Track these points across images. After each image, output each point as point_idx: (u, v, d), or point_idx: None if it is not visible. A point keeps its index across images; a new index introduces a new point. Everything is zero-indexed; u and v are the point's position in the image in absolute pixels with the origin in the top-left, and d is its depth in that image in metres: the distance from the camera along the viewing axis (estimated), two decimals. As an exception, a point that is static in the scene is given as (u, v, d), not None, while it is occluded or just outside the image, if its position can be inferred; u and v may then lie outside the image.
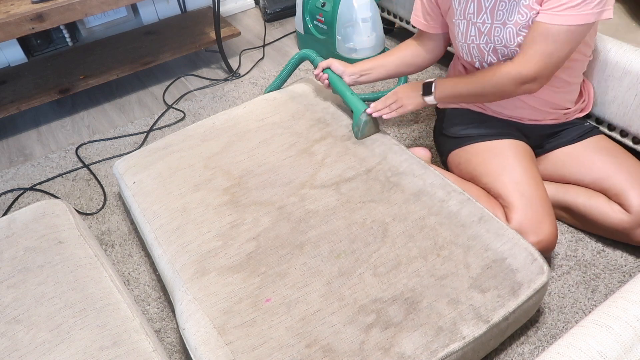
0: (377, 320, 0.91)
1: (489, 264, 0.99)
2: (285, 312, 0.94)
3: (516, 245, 1.01)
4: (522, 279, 0.96)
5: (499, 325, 0.93)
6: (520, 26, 1.09)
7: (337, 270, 1.00)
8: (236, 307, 0.95)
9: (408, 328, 0.90)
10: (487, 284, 0.96)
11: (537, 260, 0.99)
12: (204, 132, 1.38)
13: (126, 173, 1.32)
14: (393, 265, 1.00)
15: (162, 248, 1.11)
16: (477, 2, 1.13)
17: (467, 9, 1.15)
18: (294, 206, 1.13)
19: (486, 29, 1.14)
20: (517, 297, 0.94)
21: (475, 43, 1.19)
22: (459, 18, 1.18)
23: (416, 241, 1.04)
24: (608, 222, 1.16)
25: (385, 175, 1.18)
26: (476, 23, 1.15)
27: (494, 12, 1.11)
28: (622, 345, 0.58)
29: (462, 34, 1.20)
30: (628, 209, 1.13)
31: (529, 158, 1.22)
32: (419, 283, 0.96)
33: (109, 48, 2.11)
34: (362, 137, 1.29)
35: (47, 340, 0.88)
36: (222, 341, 0.90)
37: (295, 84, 1.53)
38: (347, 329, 0.90)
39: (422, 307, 0.93)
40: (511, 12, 1.09)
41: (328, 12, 1.97)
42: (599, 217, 1.18)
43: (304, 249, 1.04)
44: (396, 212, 1.10)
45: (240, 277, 1.00)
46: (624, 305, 0.62)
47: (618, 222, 1.14)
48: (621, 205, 1.14)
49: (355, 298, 0.95)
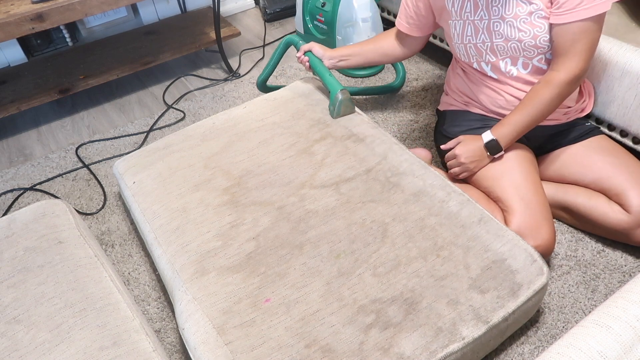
0: (376, 321, 0.91)
1: (489, 265, 0.99)
2: (285, 312, 0.94)
3: (516, 247, 1.01)
4: (521, 280, 0.96)
5: (498, 326, 0.93)
6: (519, 19, 1.10)
7: (336, 270, 1.00)
8: (235, 307, 0.95)
9: (407, 328, 0.90)
10: (486, 284, 0.96)
11: (536, 262, 0.99)
12: (204, 132, 1.38)
13: (126, 173, 1.32)
14: (393, 266, 1.00)
15: (162, 248, 1.11)
16: (473, 0, 1.14)
17: (464, 8, 1.16)
18: (293, 206, 1.13)
19: (484, 25, 1.15)
20: (516, 298, 0.94)
21: (472, 42, 1.19)
22: (456, 19, 1.19)
23: (416, 241, 1.04)
24: (608, 222, 1.16)
25: (385, 176, 1.18)
26: (474, 21, 1.16)
27: (489, 7, 1.13)
28: (622, 345, 0.58)
29: (459, 34, 1.20)
30: (628, 209, 1.13)
31: (529, 161, 1.22)
32: (418, 283, 0.96)
33: (109, 48, 2.11)
34: (337, 116, 1.34)
35: (47, 340, 0.88)
36: (222, 341, 0.90)
37: (295, 84, 1.53)
38: (346, 329, 0.90)
39: (421, 308, 0.93)
40: (507, 6, 1.10)
41: (328, 12, 1.97)
42: (599, 217, 1.18)
43: (303, 249, 1.04)
44: (396, 213, 1.09)
45: (240, 277, 1.00)
46: (624, 305, 0.62)
47: (617, 223, 1.14)
48: (621, 206, 1.14)
49: (354, 298, 0.95)
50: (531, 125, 1.17)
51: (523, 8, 1.09)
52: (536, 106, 1.14)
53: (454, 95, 1.37)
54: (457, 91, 1.36)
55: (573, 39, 1.07)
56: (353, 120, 1.35)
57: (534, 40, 1.12)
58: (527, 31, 1.12)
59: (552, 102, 1.13)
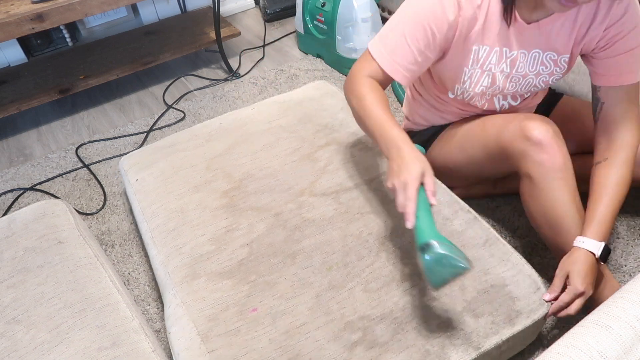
0: (362, 339, 0.88)
1: (486, 289, 0.95)
2: (270, 324, 0.92)
3: (520, 273, 0.97)
4: (521, 307, 0.92)
5: (490, 353, 0.88)
6: (540, 78, 1.06)
7: (327, 282, 0.97)
8: (222, 315, 0.93)
9: (394, 349, 0.86)
10: (481, 309, 0.92)
11: (540, 290, 0.95)
12: (210, 132, 1.37)
13: (130, 170, 1.31)
14: (385, 282, 0.96)
15: (157, 248, 1.10)
16: (499, 53, 1.02)
17: (489, 59, 1.03)
18: (290, 213, 1.11)
19: (504, 76, 1.06)
20: (512, 326, 0.90)
21: (484, 92, 1.10)
22: (474, 67, 1.04)
23: (412, 258, 1.00)
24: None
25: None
26: (494, 73, 1.05)
27: (515, 63, 1.04)
28: (622, 345, 0.58)
29: (473, 82, 1.07)
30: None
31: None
32: (410, 302, 0.93)
33: (109, 48, 2.11)
34: (435, 286, 0.83)
35: (47, 340, 0.88)
36: (205, 349, 0.89)
37: (307, 86, 1.51)
38: (331, 345, 0.88)
39: (410, 328, 0.89)
40: (533, 65, 1.04)
41: (328, 12, 1.97)
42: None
43: (296, 258, 1.02)
44: (395, 226, 1.06)
45: (230, 283, 0.99)
46: (624, 305, 0.62)
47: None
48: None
49: (342, 313, 0.92)
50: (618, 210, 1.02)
51: (547, 68, 1.04)
52: (619, 192, 1.00)
53: (418, 120, 1.29)
54: (421, 120, 1.27)
55: (624, 107, 1.02)
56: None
57: (547, 85, 1.10)
58: (544, 84, 1.08)
59: (629, 182, 1.02)
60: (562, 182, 0.98)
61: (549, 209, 1.01)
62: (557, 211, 1.01)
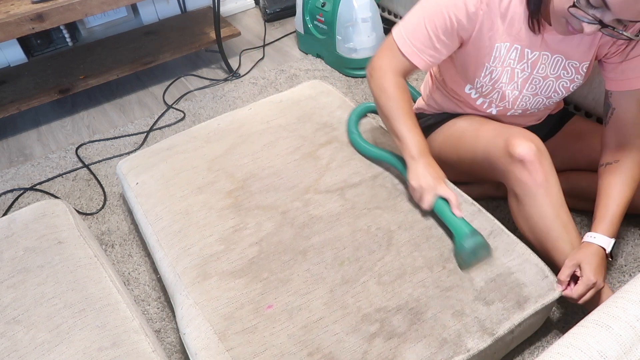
0: (380, 330, 0.90)
1: (493, 278, 0.97)
2: (287, 319, 0.93)
3: (526, 261, 0.99)
4: (529, 293, 0.94)
5: (503, 339, 0.91)
6: (560, 82, 1.07)
7: (340, 277, 0.98)
8: (237, 313, 0.94)
9: (412, 339, 0.88)
10: (491, 296, 0.94)
11: (548, 277, 0.97)
12: (208, 134, 1.37)
13: (129, 173, 1.31)
14: (398, 275, 0.98)
15: (164, 251, 1.10)
16: (521, 51, 1.04)
17: (509, 55, 1.04)
18: (297, 211, 1.12)
19: (524, 76, 1.07)
20: (522, 311, 0.92)
21: (504, 89, 1.10)
22: (496, 65, 1.06)
23: (422, 251, 1.02)
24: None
25: (392, 182, 1.16)
26: (514, 69, 1.06)
27: (537, 64, 1.05)
28: (622, 345, 0.58)
29: (493, 78, 1.09)
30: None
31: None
32: (423, 293, 0.95)
33: (109, 48, 2.11)
34: (469, 266, 0.99)
35: (47, 340, 0.88)
36: (223, 347, 0.89)
37: (302, 85, 1.52)
38: (350, 337, 0.89)
39: (426, 318, 0.91)
40: (555, 68, 1.05)
41: (328, 12, 1.97)
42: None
43: (307, 255, 1.03)
44: (402, 220, 1.08)
45: (242, 282, 0.99)
46: (624, 305, 0.62)
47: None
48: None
49: (358, 307, 0.94)
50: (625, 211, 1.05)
51: (569, 73, 1.05)
52: (628, 195, 1.03)
53: (432, 104, 1.30)
54: (435, 104, 1.29)
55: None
56: (363, 125, 1.33)
57: (567, 92, 1.10)
58: (564, 89, 1.09)
59: (637, 185, 1.05)
60: (545, 198, 1.00)
61: (534, 225, 1.04)
62: (541, 227, 1.03)
